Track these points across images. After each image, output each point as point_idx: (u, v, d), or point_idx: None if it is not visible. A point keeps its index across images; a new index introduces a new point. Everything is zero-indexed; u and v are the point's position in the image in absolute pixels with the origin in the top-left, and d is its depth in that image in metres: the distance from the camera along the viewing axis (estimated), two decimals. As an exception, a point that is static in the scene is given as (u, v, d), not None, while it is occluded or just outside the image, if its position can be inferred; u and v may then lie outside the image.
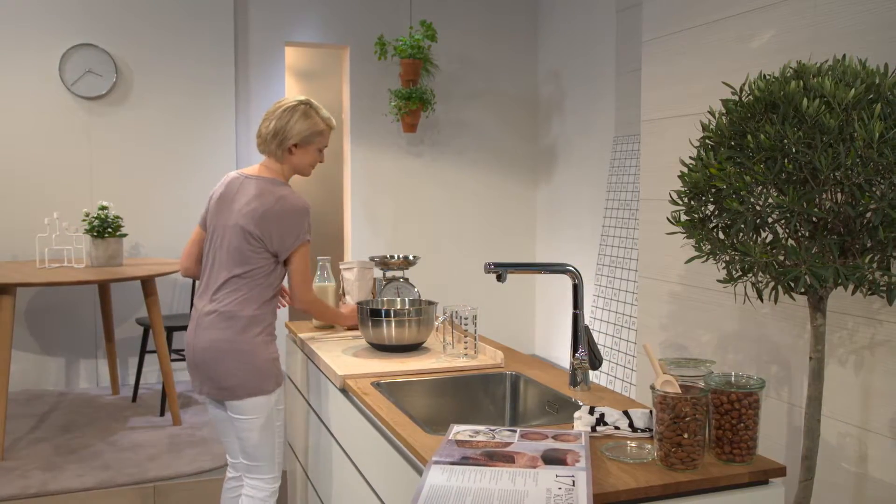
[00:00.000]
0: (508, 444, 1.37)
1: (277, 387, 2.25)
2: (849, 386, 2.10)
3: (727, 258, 1.84)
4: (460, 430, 1.46)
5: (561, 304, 5.36)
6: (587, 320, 4.60)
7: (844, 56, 1.81)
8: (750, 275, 1.84)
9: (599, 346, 4.42)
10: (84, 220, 4.10)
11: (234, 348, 2.17)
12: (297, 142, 2.25)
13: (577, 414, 1.53)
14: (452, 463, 1.26)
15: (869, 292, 1.74)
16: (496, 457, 1.29)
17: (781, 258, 1.72)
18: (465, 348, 2.18)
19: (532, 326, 5.83)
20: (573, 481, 1.17)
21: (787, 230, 1.74)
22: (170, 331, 4.21)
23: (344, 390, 2.03)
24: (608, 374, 4.26)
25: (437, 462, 1.27)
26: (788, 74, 1.82)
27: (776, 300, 1.83)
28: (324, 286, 2.64)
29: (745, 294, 1.97)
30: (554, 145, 5.52)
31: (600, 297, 4.46)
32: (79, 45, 4.67)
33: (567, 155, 5.36)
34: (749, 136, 1.74)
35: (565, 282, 5.23)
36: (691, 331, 2.75)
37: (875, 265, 1.70)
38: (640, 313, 3.04)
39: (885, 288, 1.71)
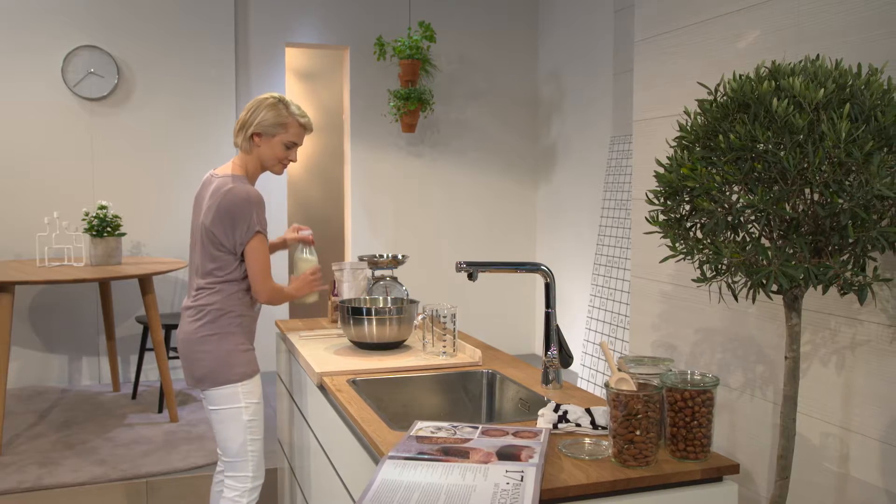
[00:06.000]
0: (468, 440, 1.38)
1: (246, 378, 2.24)
2: (831, 386, 2.10)
3: (702, 258, 1.84)
4: (423, 427, 1.47)
5: (562, 304, 5.36)
6: (584, 319, 4.60)
7: (818, 56, 1.81)
8: (727, 274, 1.84)
9: (596, 346, 4.42)
10: (84, 220, 4.16)
11: (200, 337, 2.21)
12: (259, 131, 2.23)
13: (540, 411, 1.54)
14: (407, 458, 1.28)
15: (843, 292, 1.74)
16: (451, 452, 1.30)
17: (759, 258, 1.72)
18: (444, 346, 2.19)
19: (532, 326, 5.84)
20: (522, 476, 1.18)
21: (761, 230, 1.74)
22: (168, 329, 4.25)
23: (321, 387, 2.05)
24: (604, 374, 4.26)
25: (391, 457, 1.29)
26: (763, 74, 1.82)
27: (754, 300, 1.84)
28: (305, 258, 2.52)
29: (720, 293, 1.98)
30: (554, 145, 5.53)
31: (597, 296, 4.46)
32: (81, 46, 4.73)
33: (567, 155, 5.36)
34: (720, 136, 1.75)
35: (565, 281, 5.23)
36: (681, 330, 2.75)
37: (850, 265, 1.70)
38: (632, 313, 3.04)
39: (857, 288, 1.71)
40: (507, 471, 1.20)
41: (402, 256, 2.77)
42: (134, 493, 3.22)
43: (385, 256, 2.75)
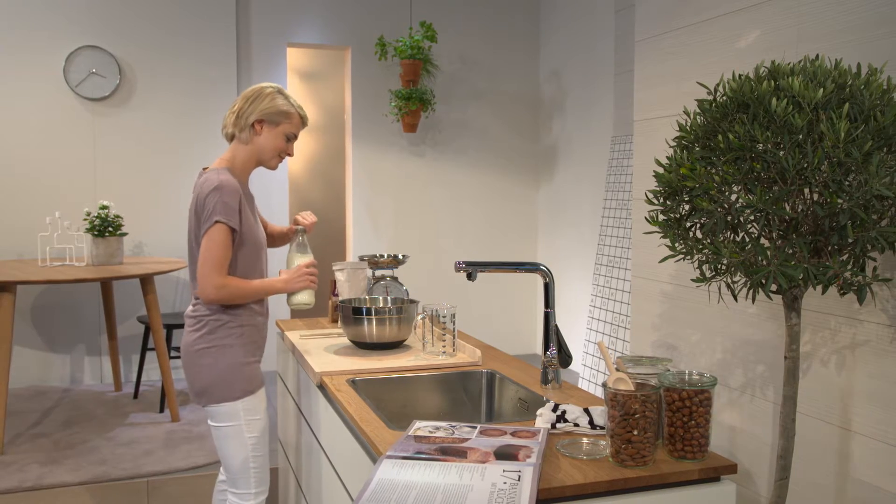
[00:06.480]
0: (466, 439, 1.38)
1: (246, 395, 2.11)
2: (831, 386, 2.10)
3: (701, 258, 1.84)
4: (421, 426, 1.47)
5: (563, 304, 5.36)
6: (585, 319, 4.60)
7: (818, 56, 1.81)
8: (726, 274, 1.84)
9: (596, 345, 4.42)
10: (85, 219, 4.17)
11: (198, 350, 2.10)
12: (261, 118, 2.10)
13: (539, 411, 1.55)
14: (405, 457, 1.28)
15: (842, 292, 1.74)
16: (449, 452, 1.31)
17: (758, 258, 1.72)
18: (444, 346, 2.19)
19: (532, 326, 5.84)
20: (519, 476, 1.18)
21: (760, 230, 1.74)
22: (170, 329, 4.26)
23: (321, 387, 2.06)
24: (604, 373, 4.25)
25: (389, 456, 1.29)
26: (762, 74, 1.82)
27: (753, 299, 1.84)
28: (296, 256, 2.39)
29: (720, 294, 1.97)
30: (555, 145, 5.53)
31: (598, 296, 4.46)
32: (83, 46, 4.74)
33: (568, 155, 5.36)
34: (720, 136, 1.75)
35: (567, 281, 5.23)
36: (681, 330, 2.74)
37: (849, 265, 1.70)
38: (632, 313, 3.04)
39: (856, 288, 1.71)
40: (504, 470, 1.21)
41: (403, 256, 2.77)
42: (134, 492, 3.22)
43: (385, 256, 2.76)
